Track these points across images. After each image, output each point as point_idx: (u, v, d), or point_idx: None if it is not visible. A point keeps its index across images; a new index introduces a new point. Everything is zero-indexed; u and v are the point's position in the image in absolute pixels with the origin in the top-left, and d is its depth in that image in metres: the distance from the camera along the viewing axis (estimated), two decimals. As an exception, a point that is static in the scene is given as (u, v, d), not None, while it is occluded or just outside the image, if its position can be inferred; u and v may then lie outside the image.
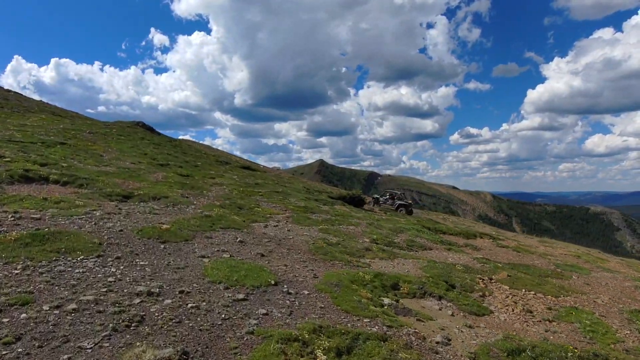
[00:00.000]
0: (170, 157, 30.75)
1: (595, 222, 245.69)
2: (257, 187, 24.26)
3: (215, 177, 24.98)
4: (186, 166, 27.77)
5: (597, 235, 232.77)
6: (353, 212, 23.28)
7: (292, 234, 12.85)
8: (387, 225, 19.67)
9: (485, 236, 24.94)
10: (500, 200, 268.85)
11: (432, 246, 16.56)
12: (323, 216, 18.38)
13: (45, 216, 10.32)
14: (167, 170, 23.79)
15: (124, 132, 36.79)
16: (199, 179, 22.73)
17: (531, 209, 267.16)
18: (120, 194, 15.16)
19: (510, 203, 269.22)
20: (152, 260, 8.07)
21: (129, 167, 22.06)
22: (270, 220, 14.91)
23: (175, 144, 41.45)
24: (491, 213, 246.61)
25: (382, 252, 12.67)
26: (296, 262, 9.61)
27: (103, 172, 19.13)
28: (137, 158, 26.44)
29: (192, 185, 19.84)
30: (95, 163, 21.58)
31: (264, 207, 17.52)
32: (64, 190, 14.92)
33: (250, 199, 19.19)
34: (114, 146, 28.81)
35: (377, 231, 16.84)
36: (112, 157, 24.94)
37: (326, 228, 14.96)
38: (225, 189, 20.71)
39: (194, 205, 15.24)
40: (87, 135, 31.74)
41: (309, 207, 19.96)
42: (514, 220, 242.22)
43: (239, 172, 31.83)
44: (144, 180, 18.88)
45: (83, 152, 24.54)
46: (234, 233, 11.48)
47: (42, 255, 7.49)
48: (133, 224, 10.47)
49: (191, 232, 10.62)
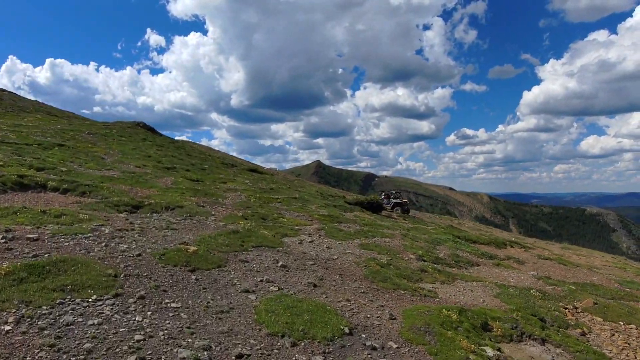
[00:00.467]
0: (176, 159, 28.82)
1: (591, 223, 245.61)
2: (272, 193, 22.40)
3: (227, 181, 23.09)
4: (193, 170, 25.86)
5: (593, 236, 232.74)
6: (377, 219, 21.46)
7: (334, 253, 11.01)
8: (421, 235, 17.87)
9: (516, 245, 23.23)
10: (497, 201, 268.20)
11: (478, 261, 14.79)
12: (352, 226, 16.54)
13: (44, 235, 8.43)
14: (175, 174, 21.88)
15: (125, 133, 34.81)
16: (210, 184, 20.84)
17: (528, 210, 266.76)
18: (128, 203, 13.25)
19: (506, 204, 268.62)
20: (186, 300, 6.20)
21: (134, 171, 20.15)
22: (301, 233, 13.07)
23: (178, 145, 39.49)
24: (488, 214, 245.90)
25: (439, 274, 10.85)
26: (357, 293, 7.77)
27: (107, 178, 17.20)
28: (141, 161, 24.50)
29: (205, 191, 17.95)
30: (97, 167, 19.64)
31: (289, 217, 15.67)
32: (65, 200, 13.01)
33: (270, 207, 17.33)
34: (116, 148, 26.86)
35: (416, 244, 15.03)
36: (114, 160, 22.99)
37: (366, 243, 13.13)
38: (241, 195, 18.83)
39: (213, 216, 13.37)
40: (87, 136, 29.75)
41: (333, 215, 18.12)
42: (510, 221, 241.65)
43: (248, 176, 29.93)
44: (153, 187, 16.97)
45: (83, 155, 22.59)
46: (270, 253, 9.62)
47: (42, 296, 5.62)
48: (152, 245, 8.60)
49: (222, 255, 8.75)
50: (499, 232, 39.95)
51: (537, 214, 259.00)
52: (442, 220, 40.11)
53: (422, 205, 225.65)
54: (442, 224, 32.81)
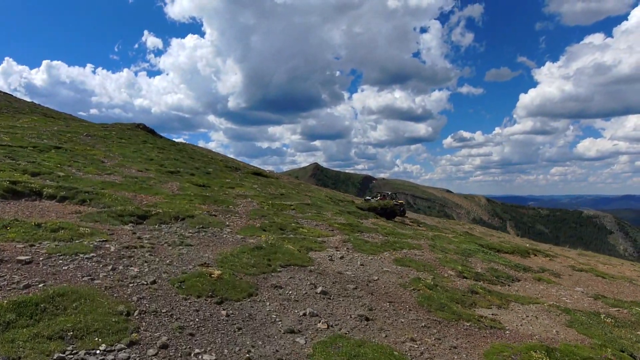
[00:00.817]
0: (179, 162, 27.42)
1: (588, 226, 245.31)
2: (284, 199, 21.03)
3: (235, 186, 21.71)
4: (198, 174, 24.47)
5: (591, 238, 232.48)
6: (396, 227, 20.14)
7: (371, 271, 9.67)
8: (447, 245, 16.56)
9: (539, 253, 21.97)
10: (494, 203, 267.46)
11: (516, 275, 13.50)
12: (376, 236, 15.22)
13: (38, 256, 7.06)
14: (180, 179, 20.48)
15: (125, 135, 33.37)
16: (219, 190, 19.46)
17: (525, 212, 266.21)
18: (134, 213, 11.86)
19: (504, 207, 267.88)
20: (220, 348, 4.85)
21: (136, 176, 18.74)
22: (326, 246, 11.73)
23: (180, 147, 38.06)
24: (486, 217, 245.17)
25: (490, 295, 9.54)
26: (418, 328, 6.44)
27: (108, 183, 15.80)
28: (143, 164, 23.09)
29: (215, 198, 16.57)
30: (96, 171, 18.23)
31: (308, 227, 14.32)
32: (62, 209, 11.60)
33: (285, 216, 15.97)
34: (116, 151, 25.43)
35: (449, 257, 13.71)
36: (115, 164, 21.58)
37: (399, 258, 11.79)
38: (252, 202, 17.46)
39: (228, 227, 12.00)
40: (85, 139, 28.31)
41: (352, 224, 16.78)
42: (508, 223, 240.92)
43: (254, 180, 28.55)
44: (159, 193, 15.58)
45: (81, 158, 21.16)
46: (304, 275, 8.27)
47: (34, 348, 4.27)
48: (167, 268, 7.23)
49: (251, 279, 7.40)
50: (512, 237, 38.72)
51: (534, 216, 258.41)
52: (449, 224, 38.86)
53: (419, 208, 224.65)
54: (457, 230, 31.54)
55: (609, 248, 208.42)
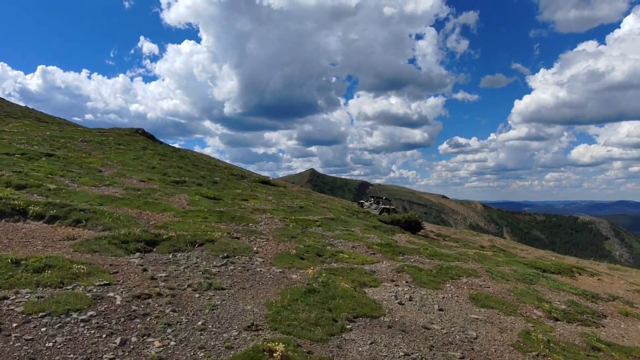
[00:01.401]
0: (183, 171, 25.07)
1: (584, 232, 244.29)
2: (304, 213, 18.71)
3: (248, 198, 19.37)
4: (206, 183, 22.13)
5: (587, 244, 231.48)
6: (432, 245, 17.88)
7: (459, 320, 7.39)
8: (500, 268, 14.32)
9: (584, 272, 19.76)
10: (490, 209, 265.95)
11: (600, 309, 11.28)
12: (422, 260, 12.95)
13: (11, 322, 4.73)
14: (187, 190, 18.13)
15: (123, 141, 30.96)
16: (232, 203, 17.12)
17: (521, 218, 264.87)
18: (141, 238, 9.51)
19: (500, 212, 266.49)
20: None
21: (138, 188, 16.38)
22: (381, 279, 9.47)
23: (182, 154, 35.67)
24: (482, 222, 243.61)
25: (613, 351, 7.28)
26: None
27: (107, 198, 13.43)
28: (145, 173, 20.73)
29: (232, 214, 14.24)
30: (93, 182, 15.86)
31: (347, 250, 12.03)
32: (52, 234, 9.25)
33: (315, 235, 13.67)
34: (114, 158, 23.05)
35: (520, 288, 11.47)
36: (114, 173, 19.20)
37: (475, 295, 9.51)
38: (274, 218, 15.14)
39: (259, 255, 9.69)
40: (80, 145, 25.91)
41: (390, 244, 14.50)
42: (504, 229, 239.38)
43: (264, 190, 26.22)
44: (167, 209, 13.22)
45: (76, 167, 18.78)
46: (383, 335, 5.99)
47: None
48: (200, 337, 4.93)
49: (322, 349, 5.10)
50: (534, 250, 36.53)
51: (530, 222, 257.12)
52: (468, 235, 36.63)
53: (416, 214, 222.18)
54: (482, 243, 29.33)
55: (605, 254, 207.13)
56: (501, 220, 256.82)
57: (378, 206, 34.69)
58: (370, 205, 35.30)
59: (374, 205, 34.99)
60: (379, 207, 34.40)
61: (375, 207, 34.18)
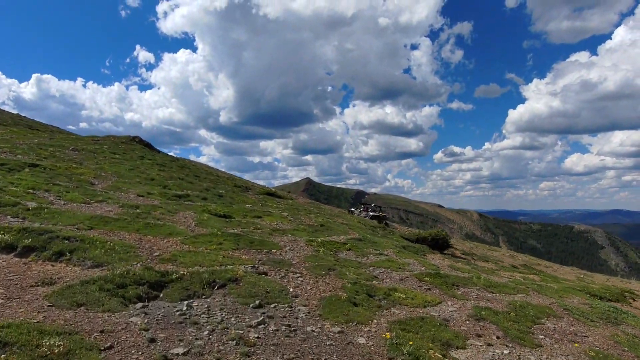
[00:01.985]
0: (185, 183, 22.65)
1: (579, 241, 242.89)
2: (326, 232, 16.33)
3: (262, 215, 16.97)
4: (211, 197, 19.73)
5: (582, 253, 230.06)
6: (477, 270, 15.54)
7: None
8: (572, 301, 11.99)
9: (636, 297, 17.50)
10: (486, 218, 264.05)
11: None
12: (484, 295, 10.61)
13: None
14: (193, 207, 15.73)
15: (119, 150, 28.51)
16: (246, 223, 14.72)
17: (517, 227, 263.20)
18: (142, 278, 7.09)
19: (496, 221, 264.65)
20: None
21: (137, 204, 13.95)
22: (463, 334, 7.10)
23: (182, 164, 33.24)
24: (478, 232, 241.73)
25: None
26: None
27: (100, 219, 10.98)
28: (144, 186, 18.31)
29: (250, 238, 11.83)
30: (83, 198, 13.42)
31: (399, 287, 9.65)
32: (23, 275, 6.82)
33: (351, 263, 11.32)
34: (109, 169, 20.60)
35: (619, 336, 9.11)
36: (108, 186, 16.77)
37: (593, 355, 7.14)
38: (298, 242, 12.76)
39: (299, 301, 7.32)
40: (71, 153, 23.45)
41: (439, 274, 12.13)
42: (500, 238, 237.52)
43: (274, 204, 23.83)
44: (173, 233, 10.80)
45: (64, 179, 16.33)
46: None
47: None
48: None
49: None
50: (559, 266, 34.24)
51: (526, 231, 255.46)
52: (488, 250, 34.35)
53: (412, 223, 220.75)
54: (509, 262, 27.04)
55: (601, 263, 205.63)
56: (497, 229, 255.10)
57: (368, 213, 34.04)
58: (360, 212, 34.72)
59: (364, 212, 34.41)
60: (369, 214, 33.75)
61: (365, 215, 33.54)
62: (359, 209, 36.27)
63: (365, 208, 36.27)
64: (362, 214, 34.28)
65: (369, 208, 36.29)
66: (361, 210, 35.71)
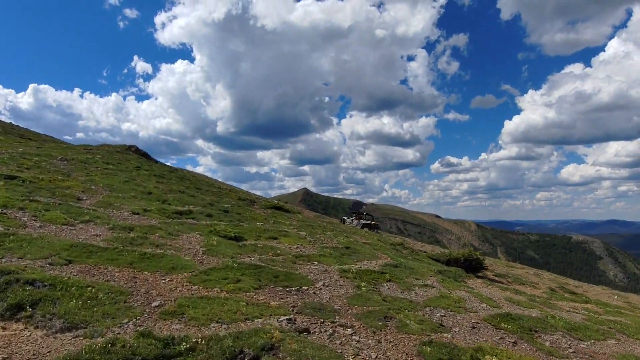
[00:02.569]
0: (186, 197, 20.18)
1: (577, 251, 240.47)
2: (354, 256, 13.88)
3: (278, 236, 14.52)
4: (216, 214, 17.26)
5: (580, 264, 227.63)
6: (534, 299, 13.10)
7: None
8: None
9: None
10: (484, 229, 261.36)
11: None
12: (580, 347, 8.18)
13: None
14: (198, 226, 13.28)
15: (113, 159, 26.03)
16: (263, 247, 12.26)
17: (515, 237, 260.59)
18: (134, 353, 4.65)
19: (494, 232, 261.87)
20: None
21: (131, 225, 11.48)
22: None
23: (181, 175, 30.77)
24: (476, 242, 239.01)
25: None
26: None
27: (82, 248, 8.50)
28: (140, 202, 15.86)
29: (272, 270, 9.37)
30: (66, 217, 10.96)
31: (485, 346, 7.19)
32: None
33: (401, 303, 8.89)
34: (100, 181, 18.11)
35: None
36: (97, 202, 14.30)
37: None
38: (329, 272, 10.32)
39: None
40: (59, 164, 20.96)
41: (511, 316, 9.68)
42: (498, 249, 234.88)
43: (285, 219, 21.38)
44: (177, 267, 8.34)
45: (47, 193, 13.87)
46: None
47: None
48: None
49: None
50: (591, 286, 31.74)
51: (524, 241, 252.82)
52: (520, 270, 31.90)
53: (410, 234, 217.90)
54: (545, 284, 24.58)
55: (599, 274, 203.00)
56: (495, 240, 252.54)
57: (359, 222, 33.81)
58: (352, 221, 34.67)
59: (356, 221, 34.33)
60: (360, 222, 33.53)
61: (356, 223, 33.45)
62: (351, 218, 36.33)
63: (357, 217, 36.23)
64: (354, 222, 34.20)
65: (361, 217, 36.24)
66: (353, 219, 35.65)
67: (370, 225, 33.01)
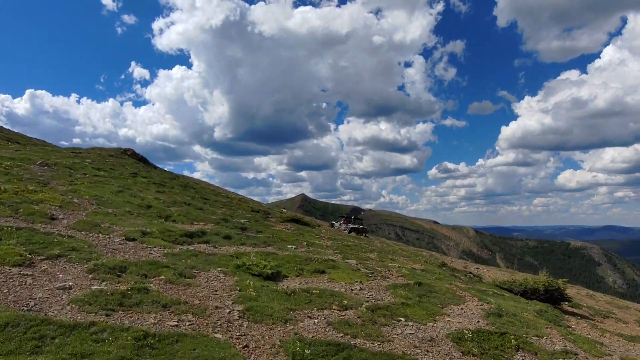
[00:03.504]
0: (193, 210, 16.24)
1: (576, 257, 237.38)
2: (433, 297, 10.00)
3: (325, 269, 10.59)
4: (235, 233, 13.32)
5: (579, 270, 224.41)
6: None
7: None
8: None
9: None
10: (483, 235, 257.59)
11: None
12: None
13: None
14: (218, 257, 9.36)
15: (105, 164, 22.09)
16: (318, 292, 8.34)
17: (513, 244, 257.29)
18: None
19: (492, 238, 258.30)
20: None
21: (124, 262, 7.57)
22: None
23: (183, 182, 26.83)
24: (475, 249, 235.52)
25: None
26: None
27: (29, 326, 4.59)
28: (137, 219, 11.93)
29: (362, 351, 5.48)
30: (22, 252, 7.02)
31: None
32: None
33: None
34: (86, 192, 14.15)
35: None
36: (77, 222, 10.35)
37: None
38: (443, 345, 6.42)
39: None
40: (36, 170, 17.00)
41: None
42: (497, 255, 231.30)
43: (314, 237, 17.45)
44: (200, 356, 4.47)
45: (7, 210, 9.90)
46: None
47: None
48: None
49: None
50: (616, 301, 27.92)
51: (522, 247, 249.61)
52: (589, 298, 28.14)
53: (408, 240, 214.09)
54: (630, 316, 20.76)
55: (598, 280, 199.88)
56: (494, 246, 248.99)
57: (347, 226, 33.02)
58: (340, 225, 34.19)
59: (344, 225, 33.66)
60: (348, 226, 32.71)
61: (345, 227, 32.73)
62: (339, 222, 35.80)
63: (345, 221, 35.54)
64: (342, 226, 33.56)
65: (349, 221, 35.45)
66: (341, 223, 35.17)
67: (358, 230, 31.86)
